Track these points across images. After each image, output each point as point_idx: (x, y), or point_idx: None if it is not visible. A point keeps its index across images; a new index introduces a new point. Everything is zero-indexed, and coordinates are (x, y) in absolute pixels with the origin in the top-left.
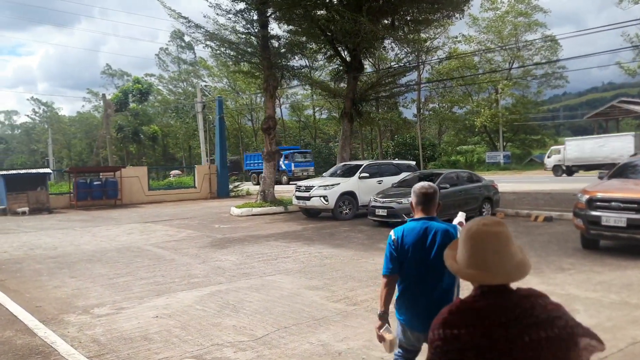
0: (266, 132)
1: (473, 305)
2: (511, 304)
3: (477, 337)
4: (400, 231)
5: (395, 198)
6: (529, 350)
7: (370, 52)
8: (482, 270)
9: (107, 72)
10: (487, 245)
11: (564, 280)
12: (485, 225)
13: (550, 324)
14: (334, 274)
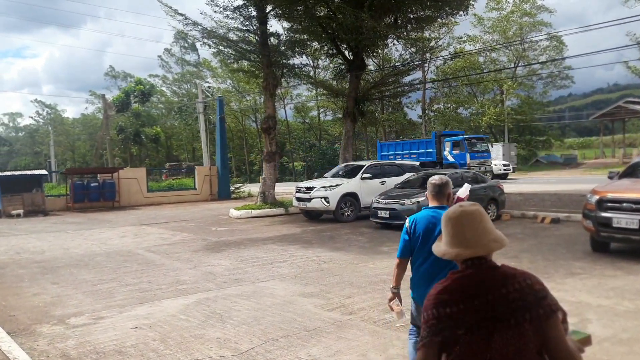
0: (266, 132)
1: (462, 282)
2: (497, 282)
3: (468, 315)
4: (413, 219)
5: (398, 199)
6: (515, 329)
7: (373, 50)
8: (463, 247)
9: (110, 73)
10: (464, 224)
11: (574, 286)
12: (460, 207)
13: (537, 305)
14: (331, 279)
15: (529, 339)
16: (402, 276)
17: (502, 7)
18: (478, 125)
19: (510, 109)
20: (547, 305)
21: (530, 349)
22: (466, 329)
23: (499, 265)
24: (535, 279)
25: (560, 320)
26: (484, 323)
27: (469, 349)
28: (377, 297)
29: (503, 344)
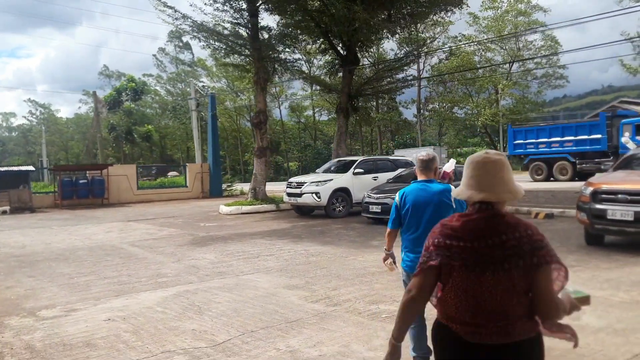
0: (257, 127)
1: (467, 224)
2: (499, 229)
3: (466, 252)
4: (403, 192)
5: (390, 194)
6: (507, 273)
7: (366, 45)
8: (477, 190)
9: (104, 73)
10: (483, 169)
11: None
12: (486, 153)
13: (531, 254)
14: (318, 272)
15: (518, 282)
16: (393, 242)
17: (498, 7)
18: (473, 125)
19: (506, 109)
20: (542, 256)
21: (517, 291)
22: (462, 262)
23: (505, 213)
24: (537, 230)
25: (551, 273)
26: (479, 262)
27: (461, 282)
28: (364, 289)
29: (493, 283)
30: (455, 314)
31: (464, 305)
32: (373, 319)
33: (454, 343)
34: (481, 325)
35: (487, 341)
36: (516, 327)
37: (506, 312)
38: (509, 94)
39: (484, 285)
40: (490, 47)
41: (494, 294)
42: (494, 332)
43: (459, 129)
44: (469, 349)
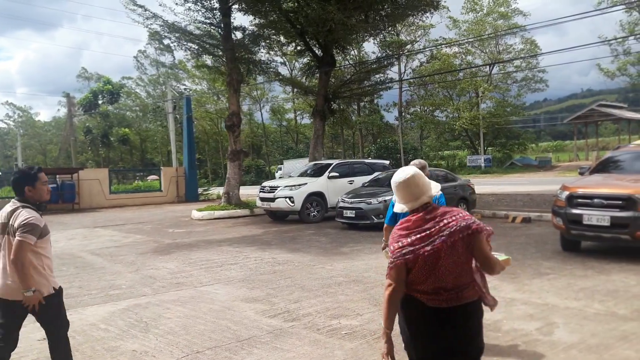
0: (230, 130)
1: (416, 220)
2: (440, 216)
3: (423, 240)
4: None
5: (365, 198)
6: (452, 246)
7: (343, 47)
8: (413, 200)
9: (82, 75)
10: (409, 186)
11: (542, 287)
12: (399, 176)
13: (466, 227)
14: (282, 282)
15: (462, 253)
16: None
17: (478, 10)
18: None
19: (486, 113)
20: (474, 228)
21: (463, 262)
22: (424, 248)
23: (437, 206)
24: (465, 212)
25: (483, 238)
26: (436, 243)
27: (424, 263)
28: (327, 302)
29: (446, 260)
30: (420, 288)
31: (426, 281)
32: (332, 336)
33: (419, 308)
34: (439, 294)
35: (443, 305)
36: (464, 293)
37: (456, 283)
38: (490, 97)
39: (439, 265)
40: (471, 51)
41: (448, 270)
42: (448, 298)
43: (440, 132)
44: (430, 312)
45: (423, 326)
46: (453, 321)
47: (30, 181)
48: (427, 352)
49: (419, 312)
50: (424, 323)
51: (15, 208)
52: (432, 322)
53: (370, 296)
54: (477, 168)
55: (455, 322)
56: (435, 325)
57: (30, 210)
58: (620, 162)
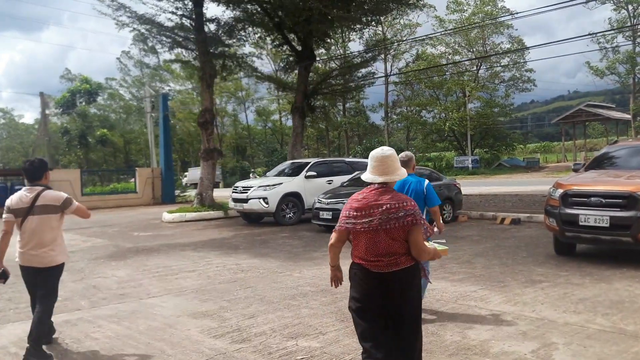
0: (203, 127)
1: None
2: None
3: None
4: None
5: (344, 199)
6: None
7: (323, 40)
8: (381, 175)
9: (66, 76)
10: (384, 162)
11: (536, 297)
12: (382, 151)
13: (404, 217)
14: (240, 293)
15: (398, 235)
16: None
17: (463, 10)
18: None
19: (474, 114)
20: (412, 219)
21: (399, 240)
22: (363, 225)
23: (391, 190)
24: (412, 202)
25: (419, 229)
26: (373, 224)
27: (364, 238)
28: (287, 317)
29: (384, 236)
30: (363, 256)
31: (368, 250)
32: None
33: (364, 273)
34: (380, 261)
35: (384, 270)
36: (401, 260)
37: (394, 252)
38: (477, 97)
39: (379, 238)
40: (458, 50)
41: (386, 243)
42: (388, 264)
43: (427, 133)
44: (373, 276)
45: (365, 287)
46: (391, 283)
47: (47, 168)
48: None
49: (363, 276)
50: (367, 284)
51: (40, 191)
52: (373, 284)
53: (337, 309)
54: (464, 169)
55: (393, 284)
56: (376, 287)
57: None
58: (617, 158)
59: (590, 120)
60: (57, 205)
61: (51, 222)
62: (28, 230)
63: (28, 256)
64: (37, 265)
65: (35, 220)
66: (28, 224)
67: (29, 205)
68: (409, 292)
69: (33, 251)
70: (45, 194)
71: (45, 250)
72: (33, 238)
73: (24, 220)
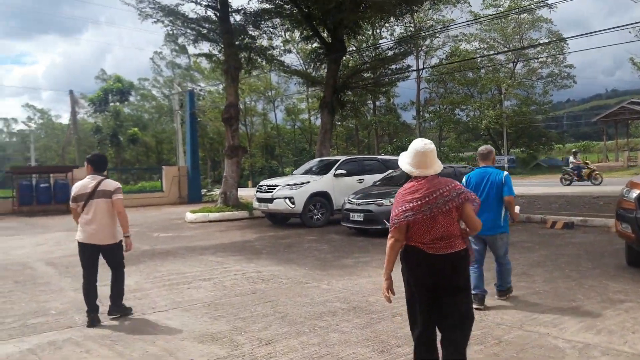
0: (227, 123)
1: (419, 188)
2: (437, 186)
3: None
4: (468, 176)
5: (376, 199)
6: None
7: (354, 32)
8: (423, 169)
9: (101, 77)
10: (426, 156)
11: (622, 324)
12: (424, 144)
13: (457, 197)
14: (258, 309)
15: (454, 215)
16: None
17: (499, 4)
18: (476, 128)
19: (510, 111)
20: (464, 197)
21: (454, 221)
22: (423, 214)
23: (437, 177)
24: (457, 183)
25: (471, 204)
26: (432, 210)
27: (423, 224)
28: (312, 343)
29: (442, 219)
30: (419, 239)
31: (425, 235)
32: None
33: (419, 255)
34: (436, 244)
35: (439, 252)
36: (455, 243)
37: (450, 234)
38: (514, 94)
39: (437, 223)
40: (493, 46)
41: (443, 226)
42: (443, 246)
43: (460, 131)
44: (429, 257)
45: (420, 268)
46: (445, 264)
47: (107, 161)
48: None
49: (418, 258)
50: (422, 266)
51: (100, 180)
52: (428, 265)
53: (375, 335)
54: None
55: (447, 265)
56: (431, 268)
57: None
58: None
59: (633, 119)
60: (111, 191)
61: (108, 205)
62: (90, 212)
63: (88, 234)
64: (96, 242)
65: (95, 204)
66: (90, 207)
67: (91, 191)
68: (461, 272)
69: (92, 230)
70: (105, 181)
71: (102, 230)
72: (93, 219)
73: (86, 204)
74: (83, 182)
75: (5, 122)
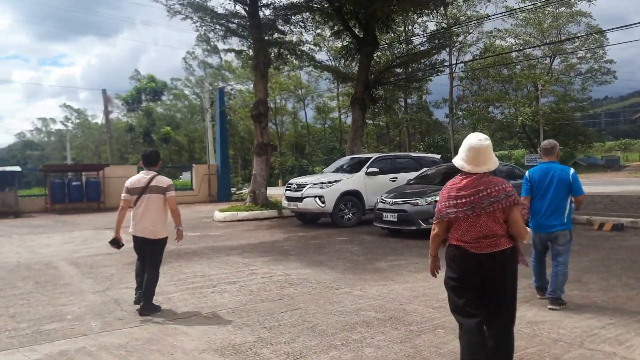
0: (256, 120)
1: (466, 184)
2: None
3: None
4: (532, 170)
5: (410, 198)
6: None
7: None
8: (475, 165)
9: (135, 77)
10: (480, 153)
11: None
12: (479, 140)
13: (504, 199)
14: (285, 317)
15: (499, 216)
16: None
17: None
18: (511, 126)
19: (547, 108)
20: (512, 201)
21: (500, 221)
22: (466, 212)
23: (487, 175)
24: (508, 184)
25: (519, 208)
26: (476, 209)
27: (466, 222)
28: (345, 359)
29: (486, 219)
30: (463, 238)
31: (468, 233)
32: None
33: (463, 254)
34: (480, 243)
35: (484, 251)
36: (501, 241)
37: (494, 233)
38: (551, 91)
39: (481, 222)
40: (529, 41)
41: (487, 225)
42: (488, 245)
43: (494, 130)
44: (472, 257)
45: (464, 267)
46: (490, 264)
47: (159, 157)
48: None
49: (462, 257)
50: (466, 265)
51: (154, 175)
52: (473, 264)
53: (415, 351)
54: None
55: (492, 265)
56: (475, 267)
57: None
58: None
59: None
60: (163, 187)
61: (159, 201)
62: (142, 206)
63: (140, 227)
64: (146, 236)
65: (147, 198)
66: (142, 201)
67: (144, 186)
68: (507, 273)
69: (144, 224)
70: (158, 177)
71: (152, 224)
72: (145, 213)
73: (139, 198)
74: (137, 176)
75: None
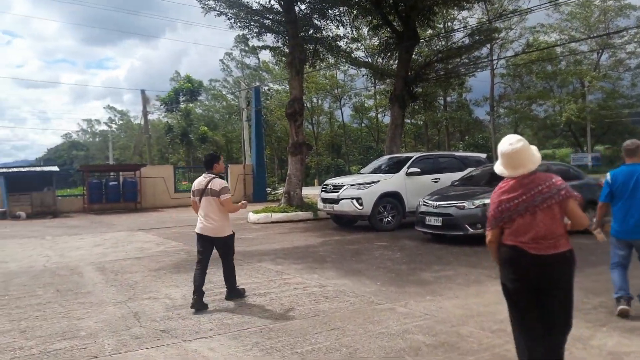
0: (291, 118)
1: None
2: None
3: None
4: (614, 173)
5: (456, 201)
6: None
7: (428, 19)
8: (514, 169)
9: (175, 79)
10: (514, 157)
11: None
12: (510, 145)
13: (556, 193)
14: (320, 339)
15: (556, 212)
16: (603, 216)
17: None
18: (555, 124)
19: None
20: (564, 194)
21: (557, 219)
22: (520, 213)
23: (535, 172)
24: (557, 178)
25: (574, 201)
26: (530, 207)
27: (522, 222)
28: None
29: (542, 217)
30: (520, 238)
31: (526, 233)
32: None
33: (520, 255)
34: (539, 244)
35: (543, 252)
36: (560, 243)
37: (553, 233)
38: (598, 87)
39: (537, 220)
40: (575, 36)
41: (544, 224)
42: (547, 246)
43: (537, 128)
44: (531, 258)
45: (522, 269)
46: (549, 265)
47: (217, 160)
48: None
49: (520, 258)
50: (524, 266)
51: (211, 178)
52: (531, 266)
53: None
54: (583, 168)
55: (551, 267)
56: (534, 269)
57: (221, 179)
58: None
59: None
60: (217, 190)
61: (215, 203)
62: (203, 207)
63: (202, 226)
64: (208, 234)
65: (206, 200)
66: (203, 202)
67: (203, 188)
68: (565, 275)
69: (205, 223)
70: (214, 180)
71: (213, 224)
72: (206, 214)
73: (200, 199)
74: (199, 179)
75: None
